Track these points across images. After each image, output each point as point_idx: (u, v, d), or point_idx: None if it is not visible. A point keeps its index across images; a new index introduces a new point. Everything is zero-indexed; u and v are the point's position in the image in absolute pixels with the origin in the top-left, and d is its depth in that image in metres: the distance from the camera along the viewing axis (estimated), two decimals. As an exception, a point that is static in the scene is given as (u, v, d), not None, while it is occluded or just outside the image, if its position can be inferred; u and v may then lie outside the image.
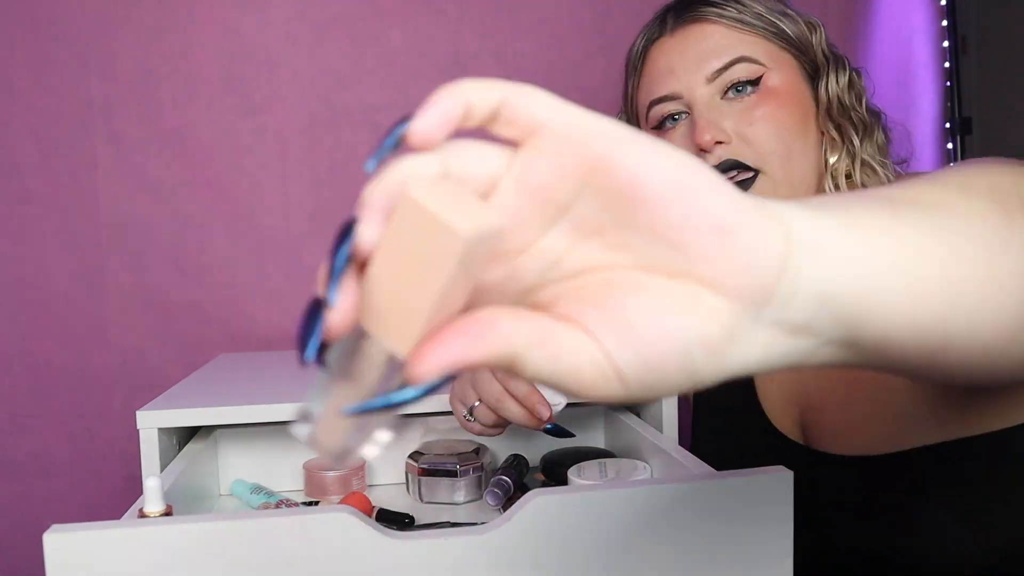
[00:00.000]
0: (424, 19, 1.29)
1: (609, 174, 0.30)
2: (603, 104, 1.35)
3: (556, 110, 0.31)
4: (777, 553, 0.60)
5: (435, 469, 0.89)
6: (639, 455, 0.85)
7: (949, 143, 1.59)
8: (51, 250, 1.23)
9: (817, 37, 0.83)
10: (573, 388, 0.30)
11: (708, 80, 0.80)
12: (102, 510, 1.24)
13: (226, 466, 0.94)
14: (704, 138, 0.78)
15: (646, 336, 0.29)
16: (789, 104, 0.79)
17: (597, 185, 0.30)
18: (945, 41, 1.57)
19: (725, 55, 0.79)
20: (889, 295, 0.32)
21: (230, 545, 0.53)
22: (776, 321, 0.31)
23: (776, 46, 0.81)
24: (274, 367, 1.09)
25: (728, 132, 0.79)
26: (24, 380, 1.23)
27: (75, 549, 0.52)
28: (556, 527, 0.57)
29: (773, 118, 0.78)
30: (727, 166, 0.78)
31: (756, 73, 0.79)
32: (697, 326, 0.29)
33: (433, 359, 0.28)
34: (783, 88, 0.79)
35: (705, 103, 0.80)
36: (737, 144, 0.79)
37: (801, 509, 0.61)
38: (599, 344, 0.30)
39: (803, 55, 0.82)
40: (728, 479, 0.60)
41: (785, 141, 0.78)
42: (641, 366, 0.30)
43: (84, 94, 1.22)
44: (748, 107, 0.79)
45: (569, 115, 0.31)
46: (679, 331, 0.29)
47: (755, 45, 0.80)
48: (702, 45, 0.80)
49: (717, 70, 0.79)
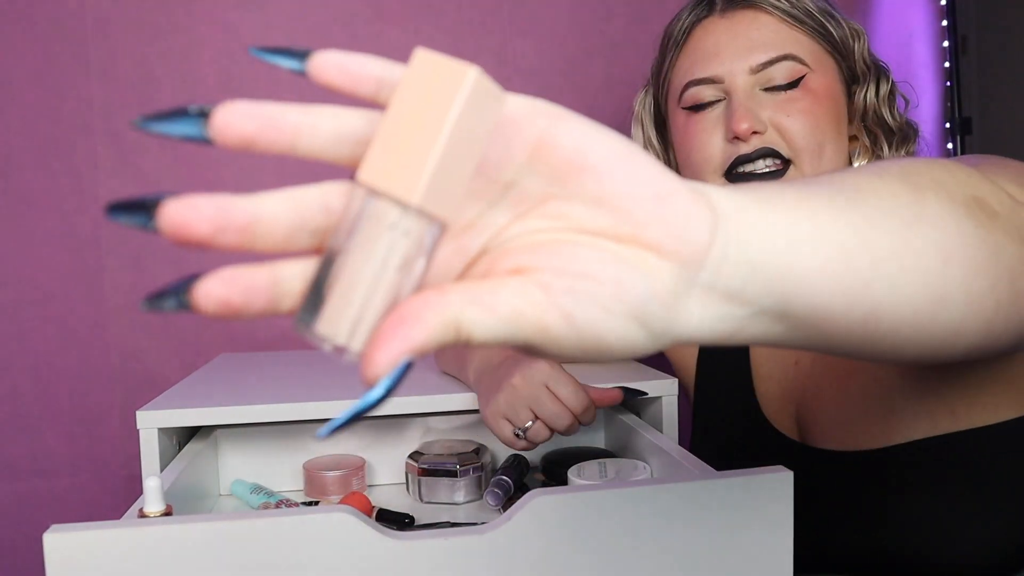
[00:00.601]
0: (424, 19, 1.29)
1: (554, 148, 0.32)
2: (603, 104, 1.36)
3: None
4: (777, 553, 0.60)
5: (435, 469, 0.89)
6: (639, 455, 0.85)
7: (949, 143, 1.59)
8: (51, 250, 1.23)
9: (860, 45, 0.83)
10: (527, 337, 0.31)
11: (752, 71, 0.80)
12: (102, 510, 1.24)
13: (226, 466, 0.94)
14: (741, 126, 0.78)
15: (601, 281, 0.31)
16: (826, 104, 0.80)
17: (542, 160, 0.32)
18: (945, 41, 1.57)
19: (773, 49, 0.79)
20: (813, 261, 0.34)
21: (230, 545, 0.53)
22: (710, 285, 0.33)
23: (821, 47, 0.81)
24: (274, 367, 1.09)
25: (764, 122, 0.79)
26: (24, 380, 1.23)
27: (75, 549, 0.52)
28: (556, 527, 0.57)
29: (810, 113, 0.79)
30: (762, 153, 0.79)
31: (799, 73, 0.79)
32: (648, 281, 0.31)
33: (382, 356, 0.28)
34: (822, 90, 0.80)
35: (745, 92, 0.80)
36: (772, 135, 0.79)
37: (798, 506, 0.61)
38: (543, 287, 0.31)
39: (844, 60, 0.82)
40: (728, 479, 0.60)
41: (818, 138, 0.79)
42: (596, 310, 0.31)
43: (84, 94, 1.22)
44: (787, 100, 0.79)
45: (510, 98, 0.32)
46: (633, 283, 0.31)
47: (802, 44, 0.80)
48: (752, 34, 0.80)
49: (763, 63, 0.79)
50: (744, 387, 0.89)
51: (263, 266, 0.31)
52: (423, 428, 0.98)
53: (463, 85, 0.29)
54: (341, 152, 0.32)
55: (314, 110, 0.32)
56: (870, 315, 0.37)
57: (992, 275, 0.40)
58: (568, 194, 0.32)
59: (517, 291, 0.30)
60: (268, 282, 0.31)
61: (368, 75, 0.32)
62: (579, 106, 1.41)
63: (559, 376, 0.76)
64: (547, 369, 0.76)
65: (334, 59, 0.32)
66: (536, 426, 0.76)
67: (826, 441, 0.81)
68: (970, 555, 0.70)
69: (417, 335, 0.29)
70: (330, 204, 0.32)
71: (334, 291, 0.30)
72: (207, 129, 0.30)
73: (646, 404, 0.93)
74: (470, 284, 0.31)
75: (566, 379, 0.77)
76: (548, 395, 0.76)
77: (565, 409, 0.76)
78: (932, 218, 0.39)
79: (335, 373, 1.03)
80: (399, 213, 0.30)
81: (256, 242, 0.31)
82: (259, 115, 0.31)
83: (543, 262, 0.31)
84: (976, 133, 1.58)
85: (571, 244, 0.32)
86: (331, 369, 1.06)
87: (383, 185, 0.30)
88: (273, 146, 0.31)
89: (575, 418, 0.77)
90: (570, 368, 0.83)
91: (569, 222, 0.32)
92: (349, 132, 0.32)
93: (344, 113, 0.32)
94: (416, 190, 0.29)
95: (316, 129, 0.32)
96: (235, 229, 0.30)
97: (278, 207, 0.31)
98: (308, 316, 0.31)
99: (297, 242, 0.32)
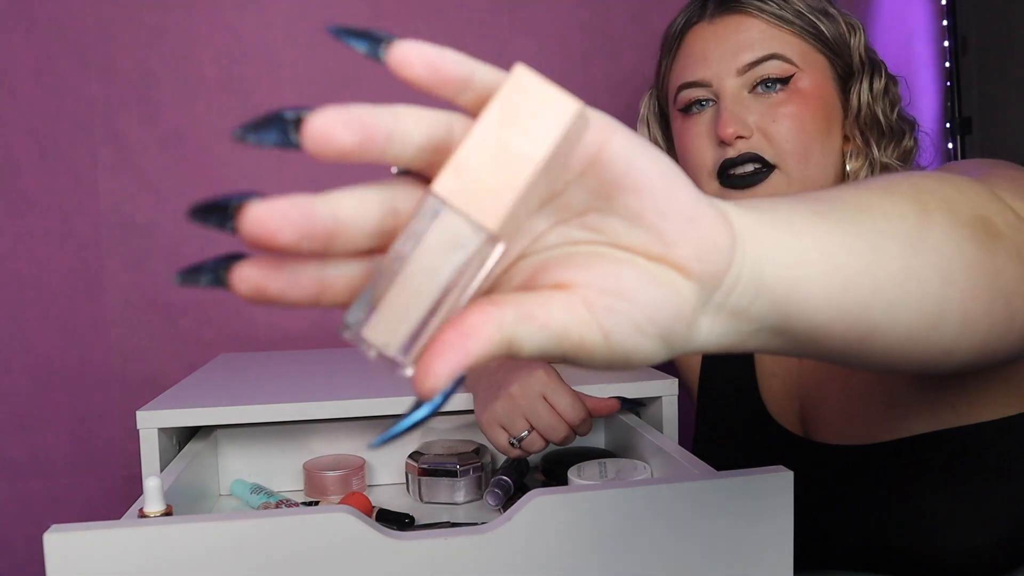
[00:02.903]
0: (424, 19, 1.29)
1: (605, 164, 0.31)
2: (603, 104, 1.36)
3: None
4: (777, 553, 0.60)
5: (435, 469, 0.89)
6: (639, 455, 0.85)
7: (949, 143, 1.59)
8: (51, 250, 1.23)
9: (856, 40, 0.83)
10: (565, 352, 0.31)
11: (739, 72, 0.80)
12: (102, 510, 1.24)
13: (226, 466, 0.94)
14: (727, 131, 0.79)
15: (639, 302, 0.31)
16: (814, 107, 0.80)
17: (592, 174, 0.32)
18: (945, 41, 1.57)
19: (759, 49, 0.80)
20: (816, 286, 0.36)
21: (230, 545, 0.53)
22: (720, 305, 0.34)
23: (811, 46, 0.81)
24: (274, 367, 1.09)
25: (750, 127, 0.80)
26: (24, 380, 1.23)
27: (75, 549, 0.52)
28: (556, 527, 0.57)
29: (796, 117, 0.79)
30: (746, 158, 0.79)
31: (787, 72, 0.79)
32: (676, 302, 0.32)
33: (439, 369, 0.28)
34: (811, 91, 0.80)
35: (732, 96, 0.80)
36: (757, 139, 0.80)
37: (802, 500, 0.61)
38: (587, 305, 0.31)
39: (838, 57, 0.82)
40: (728, 479, 0.60)
41: (804, 142, 0.79)
42: (631, 329, 0.32)
43: (84, 94, 1.22)
44: (773, 104, 0.79)
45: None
46: (665, 304, 0.32)
47: (790, 44, 0.80)
48: (738, 37, 0.81)
49: (749, 63, 0.80)
50: (748, 384, 0.89)
51: (310, 262, 0.30)
52: (423, 428, 0.98)
53: (563, 119, 0.29)
54: (423, 160, 0.31)
55: (402, 115, 0.30)
56: (866, 335, 0.38)
57: (989, 297, 0.41)
58: (609, 208, 0.32)
59: (565, 308, 0.31)
60: (313, 279, 0.30)
61: (456, 77, 0.30)
62: (579, 106, 1.41)
63: (556, 387, 0.76)
64: (544, 379, 0.76)
65: (420, 53, 0.29)
66: (531, 436, 0.76)
67: (829, 436, 0.81)
68: (972, 549, 0.70)
69: (476, 348, 0.29)
70: (397, 207, 0.31)
71: (390, 299, 0.30)
72: (302, 139, 0.28)
73: (646, 404, 0.93)
74: (522, 299, 0.31)
75: (563, 390, 0.76)
76: (545, 406, 0.75)
77: (561, 421, 0.76)
78: (936, 241, 0.40)
79: (335, 373, 1.03)
80: (471, 233, 0.29)
81: (334, 248, 0.30)
82: (356, 125, 0.28)
83: (586, 279, 0.31)
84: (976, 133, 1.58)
85: (610, 261, 0.32)
86: (331, 369, 1.06)
87: (462, 204, 0.29)
88: (366, 156, 0.29)
89: (571, 430, 0.76)
90: (568, 371, 0.83)
91: (605, 236, 0.33)
92: (434, 139, 0.30)
93: (428, 117, 0.30)
94: (497, 218, 0.29)
95: (407, 136, 0.30)
96: (319, 236, 0.29)
97: (354, 210, 0.30)
98: (356, 320, 0.30)
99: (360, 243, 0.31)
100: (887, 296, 0.37)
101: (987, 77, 1.57)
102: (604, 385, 0.87)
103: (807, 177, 0.79)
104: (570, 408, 0.75)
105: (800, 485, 0.61)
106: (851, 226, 0.38)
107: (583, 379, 0.88)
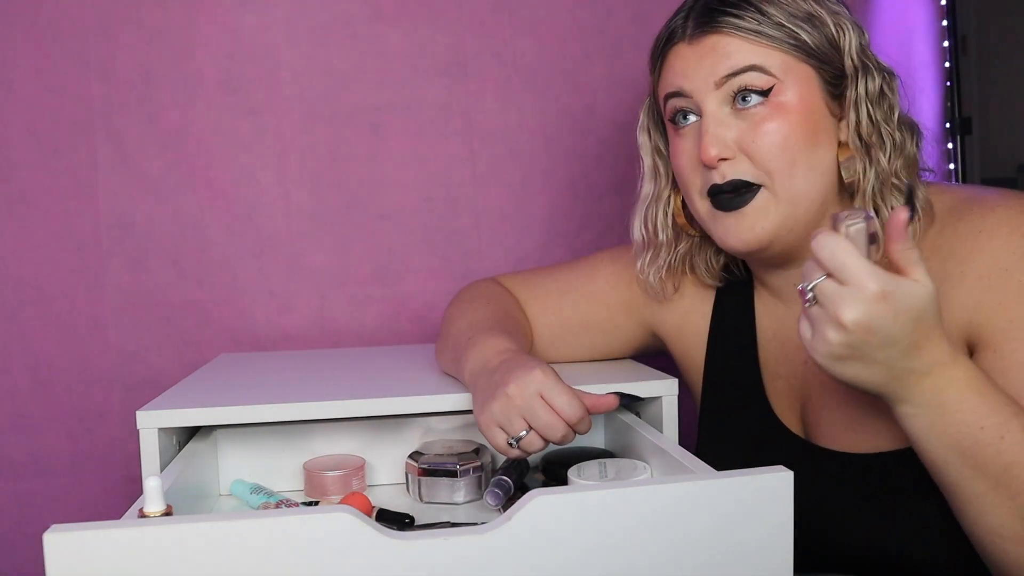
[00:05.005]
0: (424, 19, 1.29)
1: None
2: (603, 104, 1.36)
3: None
4: (777, 553, 0.60)
5: (435, 469, 0.89)
6: (639, 455, 0.85)
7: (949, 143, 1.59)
8: (51, 250, 1.23)
9: (846, 41, 0.79)
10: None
11: (717, 85, 0.78)
12: (102, 510, 1.24)
13: (226, 466, 0.94)
14: (709, 154, 0.78)
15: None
16: (797, 119, 0.77)
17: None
18: (945, 41, 1.57)
19: (736, 62, 0.78)
20: (939, 443, 0.66)
21: (230, 545, 0.53)
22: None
23: (793, 57, 0.78)
24: (274, 367, 1.09)
25: (732, 147, 0.78)
26: (24, 380, 1.23)
27: (75, 549, 0.52)
28: (556, 527, 0.57)
29: (778, 133, 0.77)
30: (732, 187, 0.78)
31: (767, 84, 0.77)
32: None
33: None
34: (794, 103, 0.78)
35: (713, 115, 0.79)
36: (740, 159, 0.78)
37: (802, 503, 0.61)
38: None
39: (826, 63, 0.79)
40: (728, 479, 0.60)
41: (788, 157, 0.77)
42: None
43: (84, 94, 1.22)
44: (755, 121, 0.78)
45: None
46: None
47: (770, 56, 0.78)
48: (716, 55, 0.79)
49: (726, 75, 0.78)
50: (754, 384, 0.89)
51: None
52: (423, 428, 0.98)
53: None
54: None
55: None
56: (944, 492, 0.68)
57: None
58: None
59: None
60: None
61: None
62: (579, 106, 1.41)
63: (554, 385, 0.75)
64: (541, 378, 0.75)
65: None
66: (529, 436, 0.75)
67: (830, 441, 0.81)
68: (972, 559, 0.70)
69: None
70: None
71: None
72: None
73: (646, 404, 0.93)
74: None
75: (561, 388, 0.75)
76: (542, 405, 0.74)
77: (559, 419, 0.75)
78: (997, 516, 0.66)
79: (335, 373, 1.03)
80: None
81: None
82: None
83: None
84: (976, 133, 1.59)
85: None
86: (331, 369, 1.06)
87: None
88: None
89: (569, 428, 0.76)
90: (567, 369, 0.83)
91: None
92: None
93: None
94: None
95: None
96: None
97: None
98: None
99: None
100: (956, 499, 0.68)
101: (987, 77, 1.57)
102: (603, 384, 0.87)
103: (794, 193, 0.78)
104: (568, 406, 0.74)
105: (801, 487, 0.61)
106: (981, 463, 0.64)
107: (581, 378, 0.88)
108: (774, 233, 0.79)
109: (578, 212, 1.33)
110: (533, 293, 1.02)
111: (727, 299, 0.94)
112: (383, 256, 1.30)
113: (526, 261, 1.32)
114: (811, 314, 0.64)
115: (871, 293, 0.60)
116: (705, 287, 0.96)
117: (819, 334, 0.63)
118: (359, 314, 1.30)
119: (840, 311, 0.61)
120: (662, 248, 0.92)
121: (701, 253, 0.93)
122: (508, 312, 0.97)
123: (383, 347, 1.27)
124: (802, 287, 0.64)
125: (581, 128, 1.32)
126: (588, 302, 1.00)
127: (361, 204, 1.29)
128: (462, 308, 0.98)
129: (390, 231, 1.30)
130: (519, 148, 1.31)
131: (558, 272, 1.04)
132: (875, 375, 0.64)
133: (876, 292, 0.60)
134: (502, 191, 1.32)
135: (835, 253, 0.61)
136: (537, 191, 1.33)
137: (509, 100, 1.30)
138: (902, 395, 0.65)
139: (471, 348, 0.86)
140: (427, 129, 1.29)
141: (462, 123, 1.30)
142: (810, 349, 0.65)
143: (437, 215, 1.31)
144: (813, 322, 0.64)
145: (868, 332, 0.61)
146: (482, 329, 0.89)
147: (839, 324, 0.61)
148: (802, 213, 0.79)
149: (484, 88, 1.29)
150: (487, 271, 1.29)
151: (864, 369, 0.64)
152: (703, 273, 0.94)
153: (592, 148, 1.33)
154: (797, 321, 0.67)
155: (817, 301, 0.63)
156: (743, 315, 0.92)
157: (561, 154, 1.33)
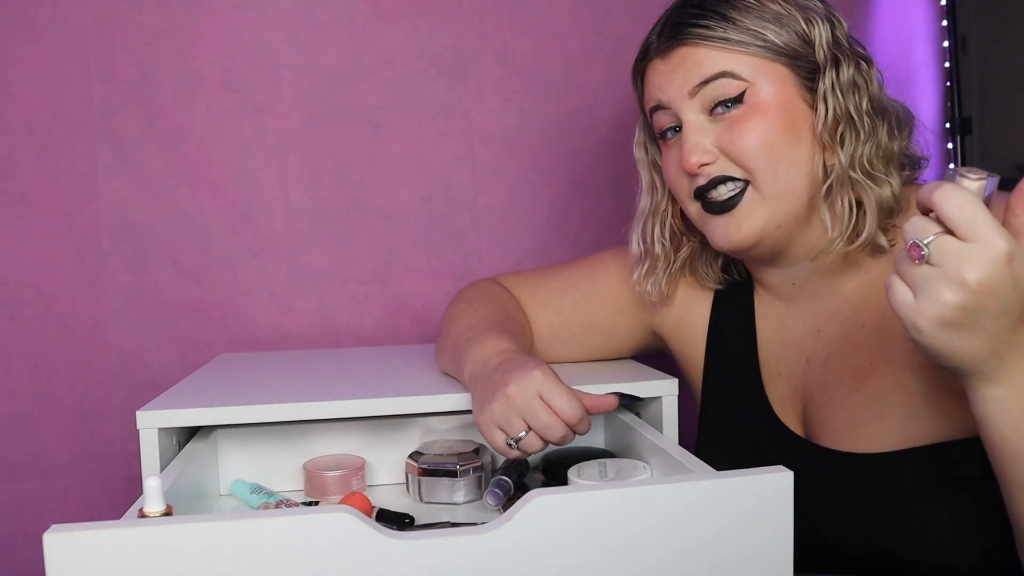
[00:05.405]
0: (424, 19, 1.29)
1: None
2: (603, 103, 1.36)
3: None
4: (777, 553, 0.60)
5: (435, 469, 0.89)
6: (639, 455, 0.85)
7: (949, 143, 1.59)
8: (51, 250, 1.23)
9: (817, 32, 0.79)
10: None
11: (691, 94, 0.80)
12: (102, 510, 1.24)
13: (226, 466, 0.94)
14: (690, 161, 0.80)
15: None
16: (774, 116, 0.78)
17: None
18: (945, 41, 1.57)
19: (706, 71, 0.79)
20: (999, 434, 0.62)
21: (230, 545, 0.54)
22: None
23: (764, 59, 0.79)
24: (274, 367, 1.09)
25: (712, 151, 0.80)
26: (24, 380, 1.23)
27: (75, 549, 0.52)
28: (556, 527, 0.57)
29: (756, 131, 0.78)
30: (716, 182, 0.80)
31: (739, 89, 0.78)
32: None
33: None
34: (769, 101, 0.78)
35: (691, 123, 0.81)
36: (722, 161, 0.80)
37: (802, 503, 0.61)
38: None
39: (799, 59, 0.79)
40: (728, 479, 0.60)
41: (770, 153, 0.78)
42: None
43: (84, 94, 1.22)
44: (731, 123, 0.79)
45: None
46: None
47: (739, 61, 0.79)
48: (685, 66, 0.81)
49: (697, 84, 0.80)
50: (754, 383, 0.89)
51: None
52: (423, 428, 0.98)
53: None
54: None
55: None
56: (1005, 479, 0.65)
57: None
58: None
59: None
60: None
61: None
62: (579, 106, 1.41)
63: (554, 386, 0.75)
64: (541, 378, 0.75)
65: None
66: (529, 437, 0.75)
67: (832, 441, 0.81)
68: (974, 560, 0.70)
69: None
70: None
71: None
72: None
73: (646, 404, 0.93)
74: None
75: (561, 389, 0.75)
76: (541, 405, 0.74)
77: (558, 420, 0.75)
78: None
79: (335, 373, 1.03)
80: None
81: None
82: None
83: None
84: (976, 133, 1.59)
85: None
86: (331, 369, 1.06)
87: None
88: None
89: (569, 429, 0.76)
90: (567, 369, 0.82)
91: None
92: None
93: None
94: None
95: None
96: None
97: None
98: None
99: None
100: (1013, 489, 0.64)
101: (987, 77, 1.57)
102: (603, 384, 0.87)
103: (779, 189, 0.78)
104: (567, 407, 0.74)
105: (802, 486, 0.61)
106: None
107: (581, 378, 0.88)
108: (762, 231, 0.80)
109: (578, 212, 1.34)
110: (533, 293, 1.02)
111: (727, 300, 0.95)
112: (383, 256, 1.30)
113: (526, 261, 1.32)
114: (917, 274, 0.57)
115: (1001, 253, 0.54)
116: (704, 288, 0.96)
117: (930, 295, 0.56)
118: (359, 314, 1.30)
119: (965, 269, 0.55)
120: (659, 260, 0.94)
121: (701, 257, 0.94)
122: (508, 312, 0.97)
123: (383, 347, 1.27)
124: (916, 241, 0.57)
125: (581, 128, 1.33)
126: (588, 302, 1.00)
127: (361, 204, 1.29)
128: (462, 308, 0.98)
129: (390, 231, 1.30)
130: (519, 148, 1.32)
131: (558, 272, 1.04)
132: (978, 347, 0.58)
133: (1006, 253, 0.54)
134: (502, 191, 1.32)
135: (962, 206, 0.55)
136: (537, 191, 1.33)
137: (509, 100, 1.30)
138: (997, 374, 0.59)
139: (471, 348, 0.86)
140: (427, 129, 1.29)
141: (462, 123, 1.30)
142: (912, 313, 0.58)
143: (437, 215, 1.31)
144: (920, 283, 0.57)
145: (989, 296, 0.55)
146: (482, 329, 0.89)
147: (961, 283, 0.55)
148: (789, 209, 0.80)
149: (484, 88, 1.29)
150: (487, 271, 1.29)
151: (969, 340, 0.57)
152: (703, 276, 0.95)
153: (592, 148, 1.33)
154: (885, 286, 0.60)
155: (928, 260, 0.57)
156: (743, 315, 0.92)
157: (561, 154, 1.33)
